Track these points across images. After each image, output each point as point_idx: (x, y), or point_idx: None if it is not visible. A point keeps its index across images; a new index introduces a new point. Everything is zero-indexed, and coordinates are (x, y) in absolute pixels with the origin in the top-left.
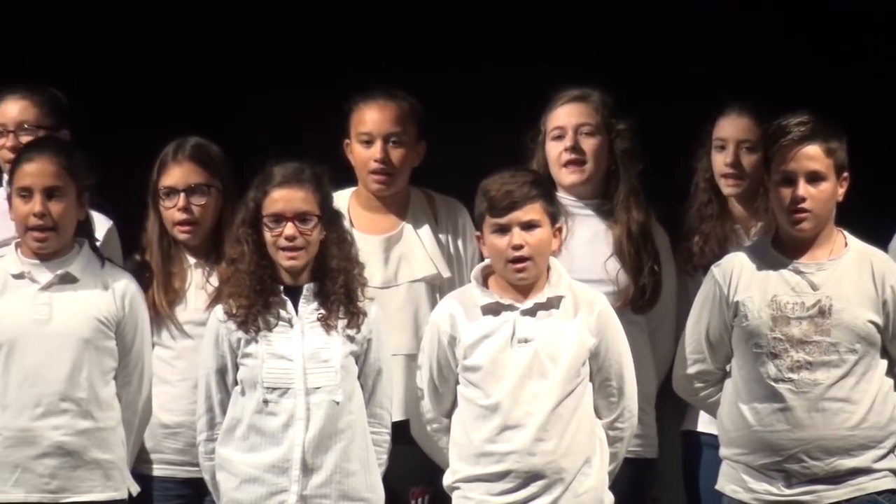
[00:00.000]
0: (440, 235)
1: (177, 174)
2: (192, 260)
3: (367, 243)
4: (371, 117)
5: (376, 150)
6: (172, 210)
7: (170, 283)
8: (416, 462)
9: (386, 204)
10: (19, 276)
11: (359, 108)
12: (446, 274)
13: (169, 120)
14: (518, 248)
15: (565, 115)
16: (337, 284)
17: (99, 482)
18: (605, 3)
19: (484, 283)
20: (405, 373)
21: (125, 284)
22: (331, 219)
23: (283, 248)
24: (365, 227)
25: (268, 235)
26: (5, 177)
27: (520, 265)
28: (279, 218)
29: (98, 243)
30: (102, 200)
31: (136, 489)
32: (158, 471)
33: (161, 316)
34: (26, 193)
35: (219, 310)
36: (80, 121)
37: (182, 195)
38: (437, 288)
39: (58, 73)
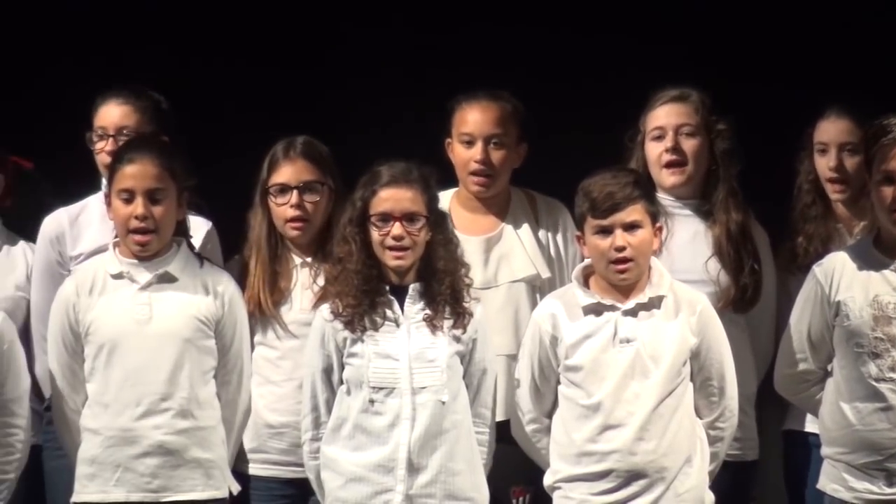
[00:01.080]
0: (541, 236)
1: (289, 171)
2: (297, 260)
3: (467, 244)
4: (473, 118)
5: (477, 150)
6: (285, 207)
7: (275, 283)
8: (517, 461)
9: (486, 204)
10: (118, 277)
11: (461, 108)
12: (546, 274)
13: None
14: (621, 249)
15: (665, 116)
16: (443, 285)
17: (200, 481)
18: (700, 9)
19: (585, 283)
20: (506, 373)
21: (224, 284)
22: (437, 220)
23: (390, 248)
24: (465, 227)
25: (375, 234)
26: (103, 180)
27: (622, 266)
28: (387, 217)
29: (198, 245)
30: (201, 202)
31: (236, 488)
32: (263, 471)
33: (266, 316)
34: (128, 195)
35: (325, 309)
36: (179, 128)
37: (295, 192)
38: (536, 288)
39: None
